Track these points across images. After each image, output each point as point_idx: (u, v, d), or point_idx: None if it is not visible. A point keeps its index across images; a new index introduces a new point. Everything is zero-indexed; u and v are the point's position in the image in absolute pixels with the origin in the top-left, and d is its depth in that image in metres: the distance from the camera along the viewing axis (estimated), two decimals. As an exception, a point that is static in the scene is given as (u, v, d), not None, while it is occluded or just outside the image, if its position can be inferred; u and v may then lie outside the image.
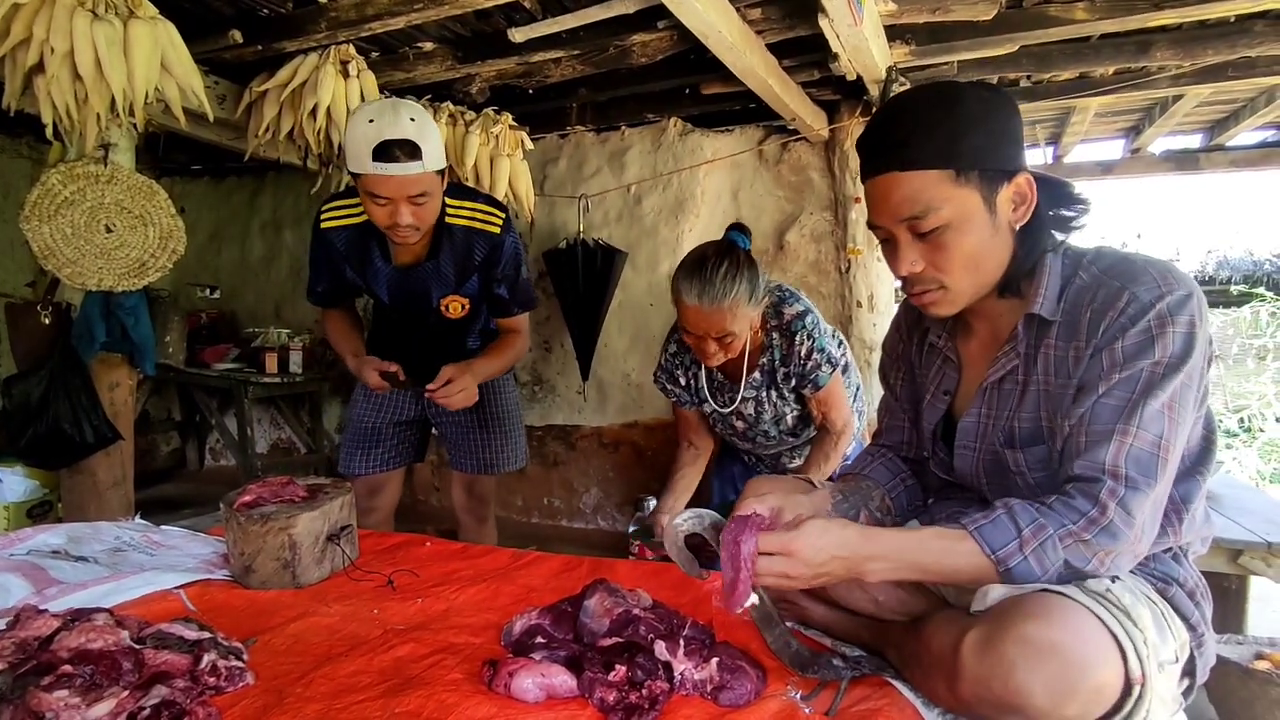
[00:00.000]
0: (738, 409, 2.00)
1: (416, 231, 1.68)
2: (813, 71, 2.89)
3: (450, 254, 1.80)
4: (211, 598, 1.39)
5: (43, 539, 1.56)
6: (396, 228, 1.65)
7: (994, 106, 0.97)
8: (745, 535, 0.95)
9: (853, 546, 0.95)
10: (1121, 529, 0.91)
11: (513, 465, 2.19)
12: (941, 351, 1.18)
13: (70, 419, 2.30)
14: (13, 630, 1.00)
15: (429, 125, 1.60)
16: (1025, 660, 0.82)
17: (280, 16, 2.39)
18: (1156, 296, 0.93)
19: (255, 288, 4.75)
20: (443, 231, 1.77)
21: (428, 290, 1.86)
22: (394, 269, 1.84)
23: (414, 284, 1.85)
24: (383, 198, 1.59)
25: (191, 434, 4.90)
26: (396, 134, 1.54)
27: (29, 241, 2.14)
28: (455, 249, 1.80)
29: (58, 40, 1.73)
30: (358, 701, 1.02)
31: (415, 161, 1.56)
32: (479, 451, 2.15)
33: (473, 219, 1.79)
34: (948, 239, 0.98)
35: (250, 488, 1.55)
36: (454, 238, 1.79)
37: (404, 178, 1.57)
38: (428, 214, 1.67)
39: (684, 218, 3.64)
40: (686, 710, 1.00)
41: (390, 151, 1.54)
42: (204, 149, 3.75)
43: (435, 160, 1.62)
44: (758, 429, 2.04)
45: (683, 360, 2.07)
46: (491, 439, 2.14)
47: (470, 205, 1.80)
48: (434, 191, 1.65)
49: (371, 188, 1.59)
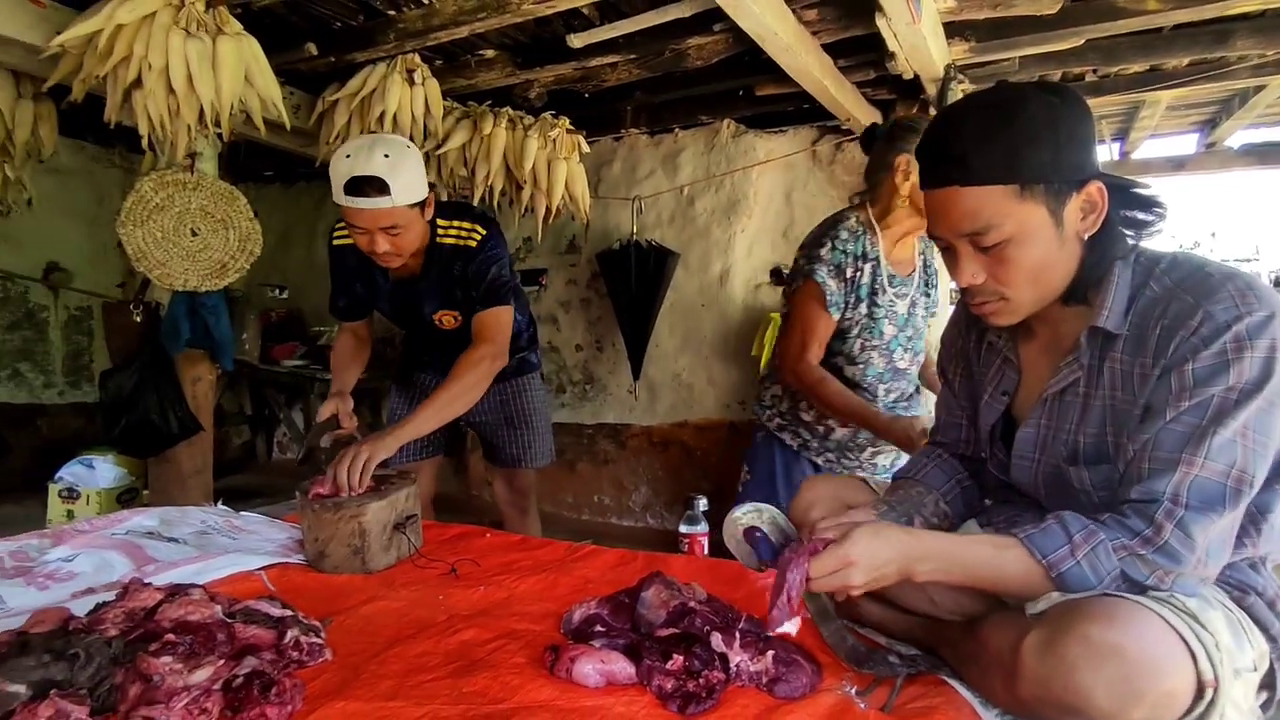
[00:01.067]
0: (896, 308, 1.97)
1: (398, 258, 1.77)
2: (868, 71, 2.87)
3: (438, 271, 1.89)
4: (289, 580, 1.47)
5: (138, 520, 1.69)
6: (375, 254, 1.75)
7: (1061, 112, 0.92)
8: (795, 563, 0.96)
9: (904, 548, 0.96)
10: (1180, 551, 0.88)
11: (539, 461, 2.27)
12: (1000, 351, 1.15)
13: (158, 410, 2.46)
14: (122, 601, 1.09)
15: (404, 162, 1.67)
16: (1087, 661, 0.81)
17: (351, 29, 2.50)
18: (1234, 317, 0.87)
19: (320, 288, 4.91)
20: (434, 251, 1.86)
21: (421, 305, 1.95)
22: (393, 285, 1.95)
23: (410, 299, 1.96)
24: (358, 227, 1.70)
25: (261, 428, 5.14)
26: (367, 170, 1.63)
27: (124, 244, 2.30)
28: (442, 266, 1.88)
29: (155, 57, 1.86)
30: (427, 680, 1.07)
31: (384, 196, 1.64)
32: (506, 447, 2.25)
33: (458, 238, 1.86)
34: (1010, 253, 0.95)
35: (322, 479, 1.64)
36: (442, 256, 1.87)
37: (374, 210, 1.66)
38: (404, 243, 1.75)
39: (736, 219, 3.65)
40: (743, 700, 1.02)
41: (360, 187, 1.64)
42: (277, 156, 3.93)
43: (406, 195, 1.68)
44: (900, 337, 2.00)
45: (857, 250, 1.92)
46: (518, 436, 2.23)
47: (457, 224, 1.87)
48: (407, 223, 1.72)
49: (347, 218, 1.71)
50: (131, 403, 2.45)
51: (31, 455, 4.08)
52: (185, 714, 0.92)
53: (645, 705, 1.01)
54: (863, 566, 0.94)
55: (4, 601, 1.28)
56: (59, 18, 2.02)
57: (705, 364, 3.77)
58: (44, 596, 1.31)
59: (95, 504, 3.03)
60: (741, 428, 3.67)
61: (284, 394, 4.64)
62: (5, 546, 1.51)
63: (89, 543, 1.53)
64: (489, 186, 2.96)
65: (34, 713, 0.86)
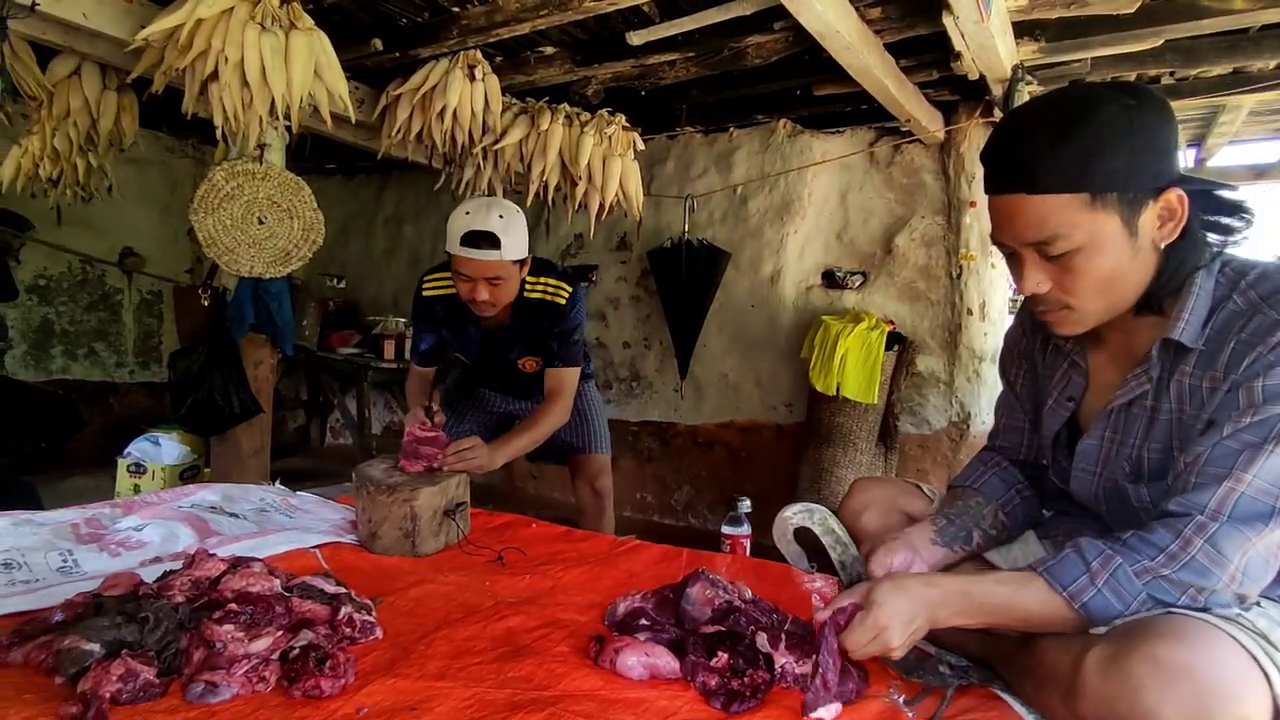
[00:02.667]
0: None
1: (492, 307, 1.95)
2: (931, 71, 2.81)
3: (526, 322, 2.09)
4: (342, 559, 1.51)
5: (203, 495, 1.76)
6: (474, 302, 1.93)
7: (1138, 116, 0.87)
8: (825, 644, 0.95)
9: (925, 599, 0.95)
10: (1208, 567, 0.84)
11: (602, 449, 2.43)
12: (1068, 355, 1.11)
13: (221, 391, 2.56)
14: (188, 570, 1.14)
15: (514, 224, 1.89)
16: (1155, 681, 0.78)
17: (416, 25, 2.56)
18: None
19: (376, 278, 5.08)
20: (522, 305, 2.06)
21: (508, 351, 2.16)
22: (483, 332, 2.15)
23: (498, 345, 2.16)
24: (466, 275, 1.90)
25: (315, 413, 5.30)
26: (484, 227, 1.84)
27: (195, 231, 2.39)
28: (530, 318, 2.08)
29: (231, 50, 1.94)
30: (474, 663, 1.09)
31: (495, 250, 1.85)
32: (571, 439, 2.39)
33: (545, 293, 2.06)
34: (1078, 263, 0.91)
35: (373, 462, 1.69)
36: (530, 309, 2.07)
37: (484, 262, 1.86)
38: (503, 294, 1.94)
39: (789, 219, 3.61)
40: (787, 702, 1.01)
41: (476, 240, 1.84)
42: (339, 149, 4.04)
43: (514, 252, 1.88)
44: None
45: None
46: (580, 429, 2.38)
47: (544, 281, 2.07)
48: (509, 277, 1.92)
49: (458, 266, 1.90)
50: (197, 383, 2.55)
51: (103, 431, 4.28)
52: (245, 680, 0.96)
53: (688, 701, 1.01)
54: (896, 627, 0.94)
55: (79, 565, 1.35)
56: (144, 13, 2.12)
57: (753, 365, 3.74)
58: (115, 563, 1.38)
59: (160, 479, 3.16)
60: (787, 430, 3.63)
61: (338, 381, 4.78)
62: (80, 514, 1.59)
63: (157, 514, 1.60)
64: (544, 182, 2.99)
65: (107, 670, 0.90)
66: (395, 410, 4.96)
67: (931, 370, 3.34)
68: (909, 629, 0.94)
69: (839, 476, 3.17)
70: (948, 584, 0.97)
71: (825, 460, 3.21)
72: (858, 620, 0.95)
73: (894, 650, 0.95)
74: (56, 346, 4.41)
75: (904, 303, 3.41)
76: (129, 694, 0.90)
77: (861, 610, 0.96)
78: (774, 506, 2.21)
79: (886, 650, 0.95)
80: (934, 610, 0.94)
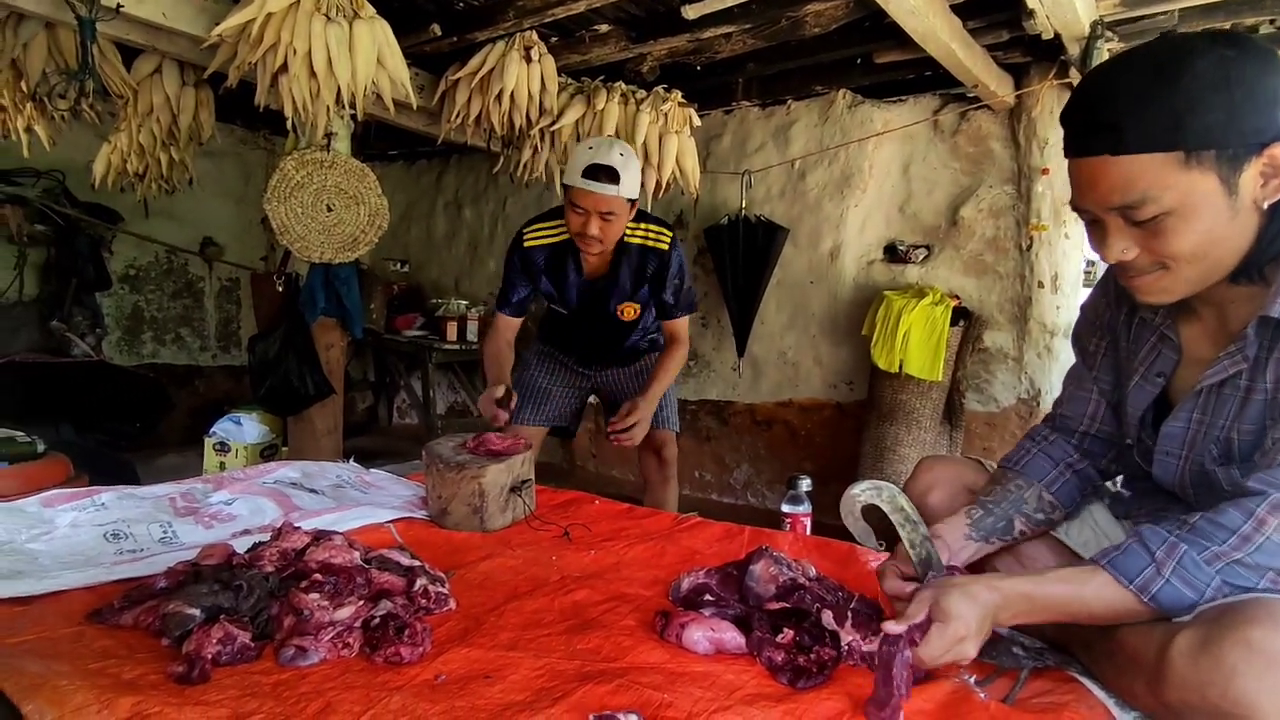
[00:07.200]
0: None
1: (599, 243, 1.98)
2: (1001, 32, 2.68)
3: (628, 268, 2.12)
4: (415, 534, 1.58)
5: (284, 472, 1.85)
6: (584, 236, 1.96)
7: (1237, 67, 0.80)
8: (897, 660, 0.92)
9: (987, 605, 0.92)
10: None
11: (672, 424, 2.46)
12: (1158, 329, 1.04)
13: (297, 373, 2.68)
14: (276, 542, 1.21)
15: (632, 162, 1.96)
16: (1251, 667, 0.75)
17: (473, 8, 2.58)
18: None
19: (438, 262, 5.20)
20: (623, 250, 2.10)
21: (609, 297, 2.18)
22: (584, 280, 2.17)
23: (598, 292, 2.18)
24: (581, 208, 1.93)
25: (382, 394, 5.49)
26: (605, 161, 1.90)
27: (269, 219, 2.50)
28: (631, 264, 2.12)
29: (299, 42, 2.00)
30: (543, 635, 1.13)
31: (613, 185, 1.90)
32: None
33: (646, 238, 2.10)
34: (1169, 225, 0.85)
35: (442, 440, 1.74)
36: (631, 254, 2.11)
37: (600, 195, 1.91)
38: (612, 231, 1.97)
39: (850, 193, 3.52)
40: (855, 679, 1.01)
41: (596, 173, 1.89)
42: (400, 136, 4.13)
43: (629, 190, 1.94)
44: None
45: None
46: None
47: (644, 227, 2.10)
48: (621, 214, 1.96)
49: (575, 199, 1.94)
50: (274, 366, 2.68)
51: (189, 412, 4.54)
52: (331, 646, 1.01)
53: (754, 675, 1.02)
54: (973, 636, 0.91)
55: (178, 536, 1.44)
56: (218, 10, 2.21)
57: (812, 343, 3.68)
58: (209, 534, 1.47)
59: (242, 457, 3.34)
60: (848, 409, 3.57)
61: (404, 362, 4.93)
62: (177, 489, 1.69)
63: (244, 489, 1.69)
64: (600, 162, 2.99)
65: (207, 633, 0.97)
66: (459, 390, 5.09)
67: (999, 346, 3.23)
68: (982, 634, 0.93)
69: (901, 455, 3.10)
70: (1010, 585, 0.94)
71: (888, 439, 3.15)
72: (934, 633, 0.92)
73: (970, 658, 0.93)
74: (146, 333, 4.69)
75: (970, 276, 3.29)
76: (228, 655, 0.96)
77: (936, 622, 0.92)
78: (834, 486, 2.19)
79: (963, 659, 0.93)
80: (996, 614, 0.92)
